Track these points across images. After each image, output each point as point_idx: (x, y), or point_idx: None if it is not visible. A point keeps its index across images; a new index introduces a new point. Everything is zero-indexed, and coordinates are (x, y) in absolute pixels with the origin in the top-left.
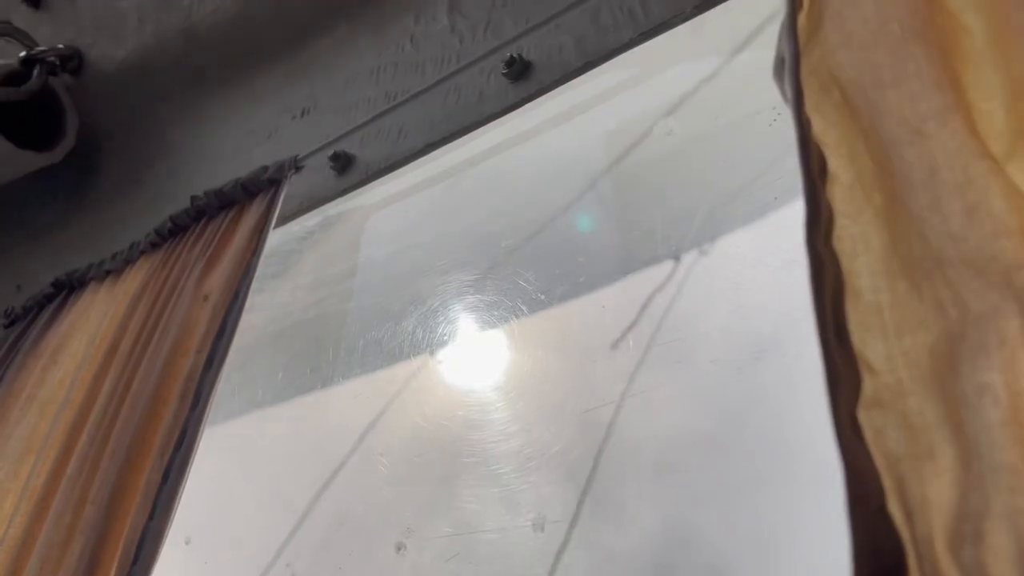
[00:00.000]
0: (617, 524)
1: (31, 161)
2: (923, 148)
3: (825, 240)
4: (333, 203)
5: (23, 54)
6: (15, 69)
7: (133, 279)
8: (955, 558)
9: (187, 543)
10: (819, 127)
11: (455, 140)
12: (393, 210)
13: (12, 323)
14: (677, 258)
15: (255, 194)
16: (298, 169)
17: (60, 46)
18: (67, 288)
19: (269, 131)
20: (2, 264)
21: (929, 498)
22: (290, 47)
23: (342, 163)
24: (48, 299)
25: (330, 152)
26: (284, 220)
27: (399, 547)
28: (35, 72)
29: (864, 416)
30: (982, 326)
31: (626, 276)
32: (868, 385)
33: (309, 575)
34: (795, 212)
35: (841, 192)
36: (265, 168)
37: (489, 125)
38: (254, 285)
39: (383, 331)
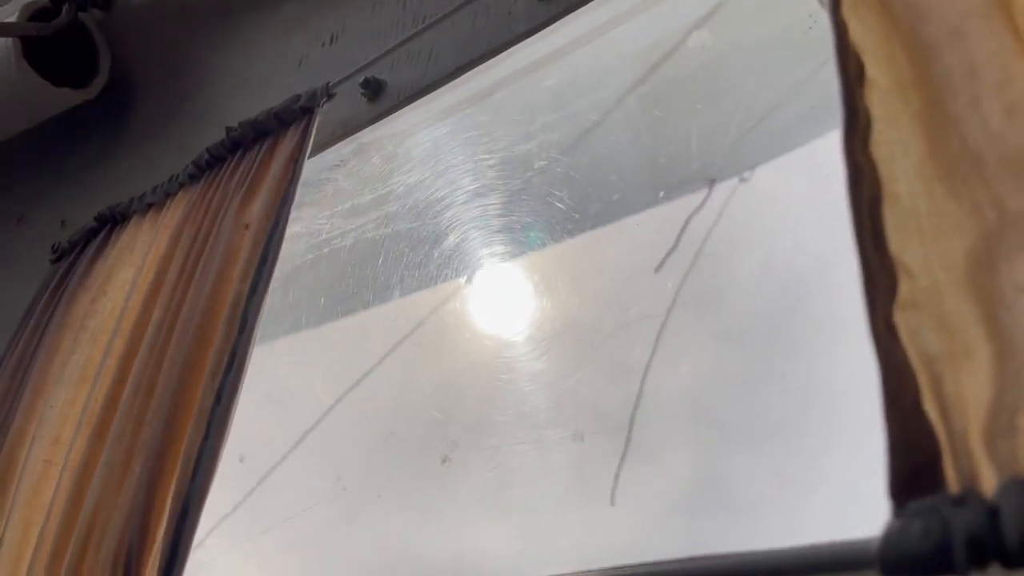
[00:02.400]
0: (650, 464)
1: (67, 98)
2: (962, 48)
3: (863, 146)
4: (366, 130)
5: None
6: (44, 5)
7: (175, 211)
8: (989, 450)
9: (241, 460)
10: (856, 31)
11: (485, 61)
12: (425, 135)
13: (59, 258)
14: (712, 179)
15: (289, 123)
16: (330, 97)
17: None
18: (111, 222)
19: (300, 58)
20: (46, 201)
21: (964, 395)
22: None
23: (373, 89)
24: (93, 233)
25: (360, 79)
26: (318, 149)
27: (444, 459)
28: (64, 8)
29: (900, 318)
30: (1021, 226)
31: (659, 199)
32: (905, 288)
33: (360, 487)
34: (833, 126)
35: (879, 96)
36: (298, 97)
37: (519, 45)
38: (292, 214)
39: (419, 255)
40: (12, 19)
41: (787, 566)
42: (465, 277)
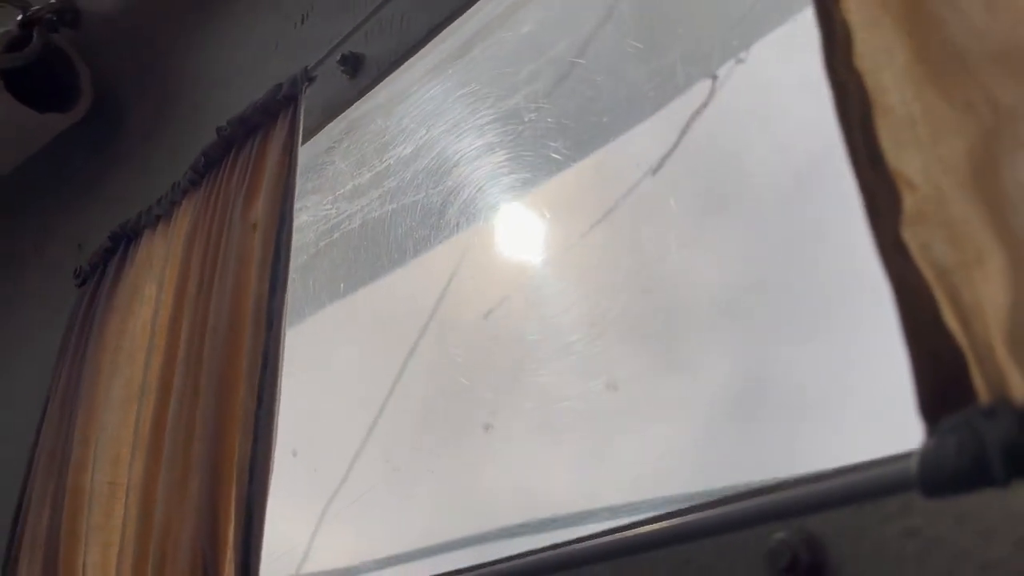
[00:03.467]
0: (692, 374)
1: (56, 123)
2: None
3: (845, 61)
4: (353, 107)
5: (19, 17)
6: (15, 35)
7: (182, 219)
8: (1015, 357)
9: (294, 455)
10: None
11: (457, 17)
12: (413, 101)
13: (84, 281)
14: (712, 77)
15: (276, 114)
16: (311, 81)
17: (52, 1)
18: (124, 239)
19: (275, 41)
20: (60, 227)
21: (983, 304)
22: None
23: (352, 65)
24: (109, 253)
25: (337, 56)
26: (309, 134)
27: (487, 427)
28: (35, 33)
29: (908, 233)
30: (1015, 121)
31: (661, 105)
32: (909, 201)
33: (409, 465)
34: None
35: (856, 5)
36: (279, 86)
37: None
38: (297, 204)
39: (428, 227)
40: None
41: (829, 498)
42: (476, 237)
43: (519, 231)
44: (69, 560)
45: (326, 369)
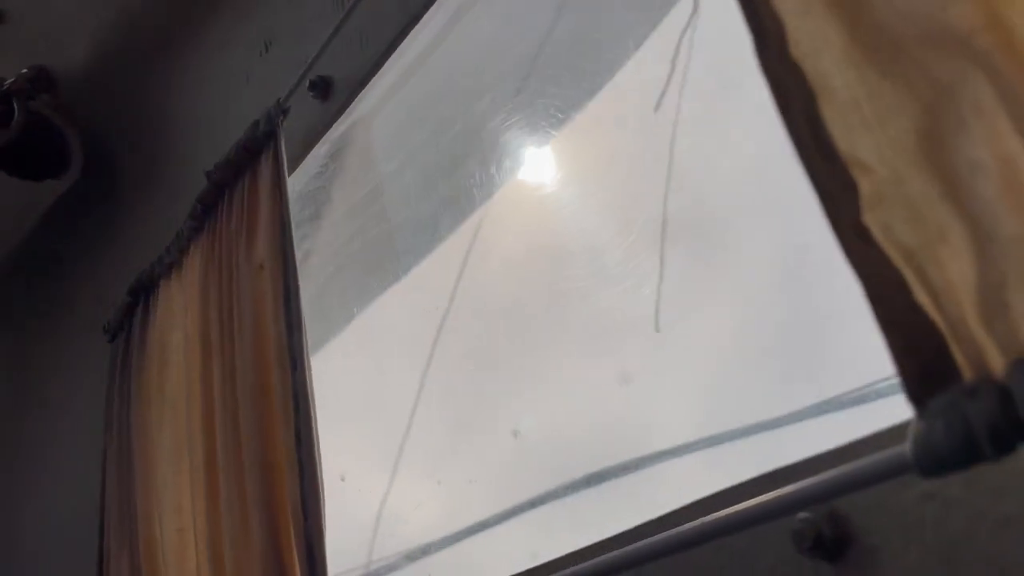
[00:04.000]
0: (735, 259)
1: (53, 189)
2: None
3: (780, 53)
4: (332, 128)
5: None
6: None
7: (192, 266)
8: (989, 332)
9: (342, 480)
10: None
11: (414, 27)
12: (393, 107)
13: (114, 337)
14: None
15: (259, 151)
16: (285, 113)
17: (24, 70)
18: (143, 292)
19: (245, 74)
20: (80, 286)
21: (952, 280)
22: None
23: (322, 89)
24: (131, 307)
25: (307, 83)
26: (295, 163)
27: (515, 434)
28: (15, 106)
29: (870, 218)
30: (955, 98)
31: (651, 29)
32: (865, 185)
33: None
34: None
35: None
36: (257, 123)
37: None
38: (297, 234)
39: (425, 238)
40: None
41: (850, 479)
42: (478, 240)
43: (536, 189)
44: None
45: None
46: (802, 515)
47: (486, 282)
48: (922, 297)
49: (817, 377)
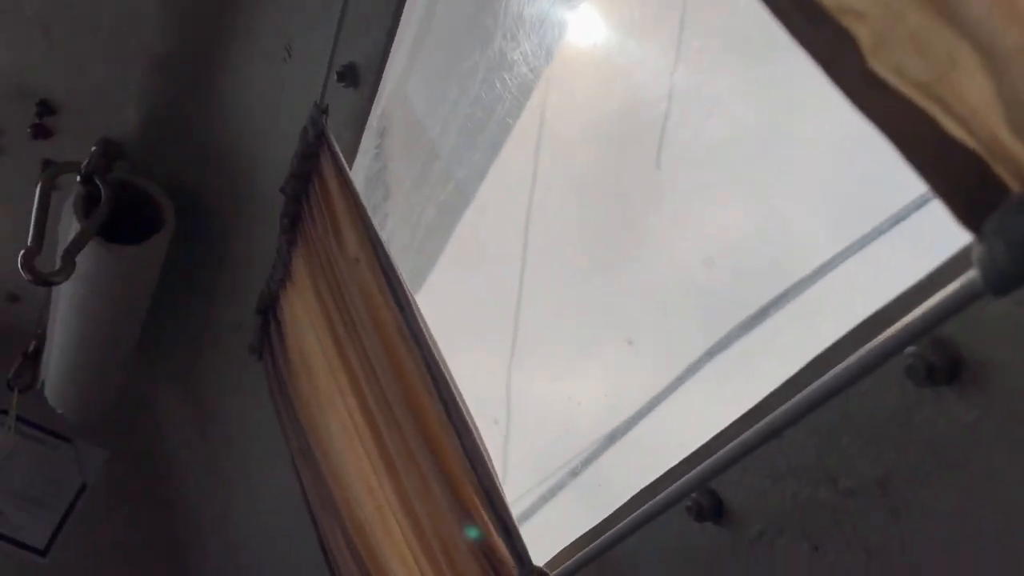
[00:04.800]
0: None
1: (162, 242)
2: None
3: None
4: (373, 109)
5: (78, 179)
6: (83, 194)
7: (300, 274)
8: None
9: (496, 422)
10: None
11: None
12: (423, 62)
13: (260, 355)
14: None
15: (317, 154)
16: (326, 111)
17: (93, 148)
18: (268, 309)
19: (279, 84)
20: (219, 317)
21: (975, 104)
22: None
23: (350, 77)
24: (265, 324)
25: (334, 76)
26: (351, 153)
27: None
28: (99, 183)
29: (876, 63)
30: None
31: None
32: (863, 32)
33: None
34: None
35: None
36: (305, 130)
37: None
38: (377, 217)
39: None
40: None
41: (935, 314)
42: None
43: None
44: (381, 570)
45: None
46: (909, 351)
47: (572, 160)
48: (951, 127)
49: None
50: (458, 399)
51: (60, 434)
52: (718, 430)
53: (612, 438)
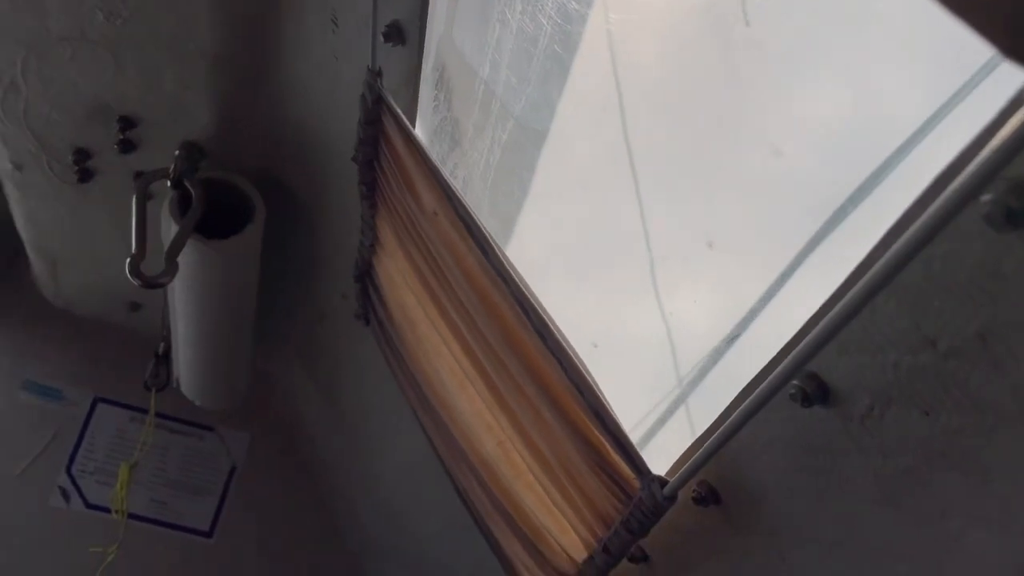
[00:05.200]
0: None
1: (255, 230)
2: None
3: None
4: (423, 63)
5: (169, 183)
6: (175, 197)
7: (386, 236)
8: None
9: (595, 346)
10: None
11: None
12: (464, 5)
13: (367, 321)
14: None
15: (378, 119)
16: (380, 74)
17: (176, 152)
18: (365, 276)
19: (332, 56)
20: (322, 291)
21: None
22: None
23: (395, 35)
24: (364, 290)
25: (381, 38)
26: (411, 111)
27: None
28: (187, 184)
29: None
30: None
31: None
32: None
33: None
34: None
35: None
36: (363, 97)
37: None
38: (448, 167)
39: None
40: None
41: (1005, 155)
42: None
43: None
44: (521, 515)
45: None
46: (984, 198)
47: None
48: None
49: None
50: (552, 329)
51: (202, 424)
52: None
53: (721, 349)
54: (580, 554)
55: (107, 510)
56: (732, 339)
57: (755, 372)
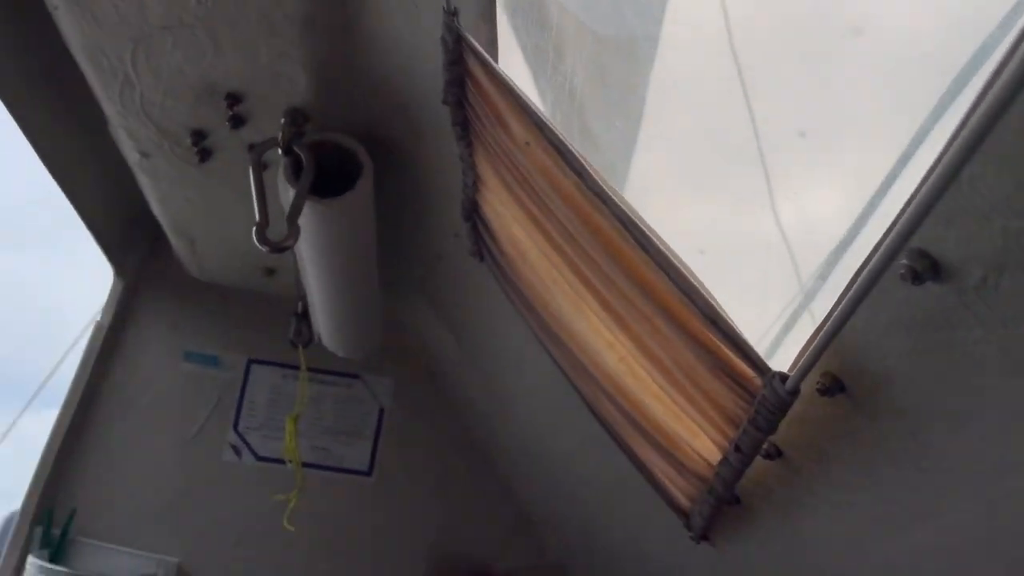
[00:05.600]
0: None
1: (366, 184)
2: None
3: None
4: None
5: (280, 151)
6: (288, 163)
7: (486, 172)
8: None
9: (701, 253)
10: None
11: None
12: None
13: (482, 257)
14: None
15: (461, 58)
16: (456, 13)
17: (281, 120)
18: (471, 214)
19: (413, 5)
20: (435, 234)
21: None
22: None
23: None
24: (474, 228)
25: None
26: (492, 45)
27: None
28: (297, 149)
29: None
30: None
31: None
32: None
33: None
34: None
35: None
36: (443, 39)
37: None
38: (535, 95)
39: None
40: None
41: None
42: None
43: None
44: (652, 424)
45: None
46: None
47: None
48: None
49: None
50: (656, 241)
51: (348, 373)
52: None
53: (843, 246)
54: (714, 456)
55: (276, 461)
56: (853, 235)
57: None
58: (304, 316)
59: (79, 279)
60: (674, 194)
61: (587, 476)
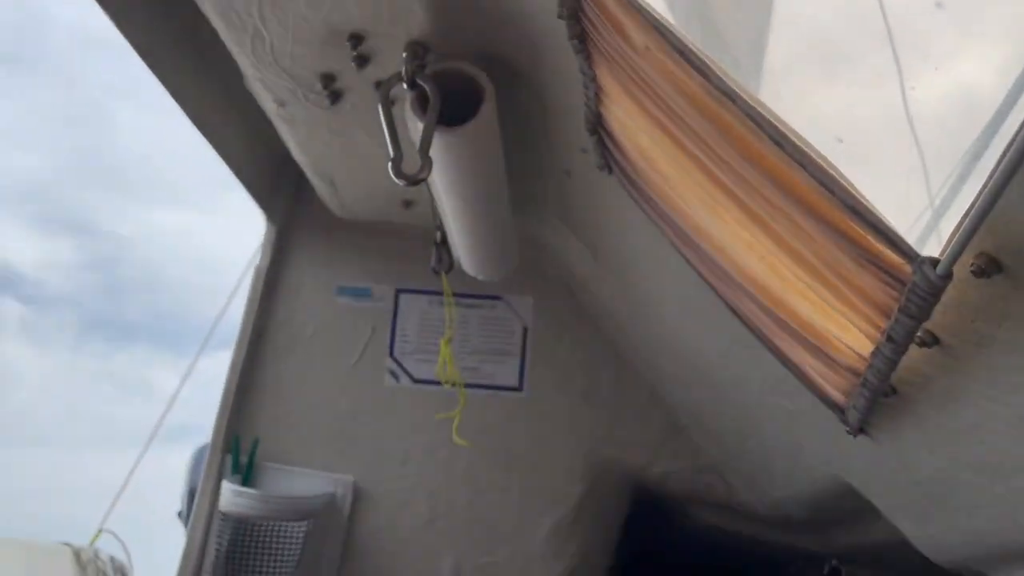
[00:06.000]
0: None
1: (489, 108)
2: None
3: None
4: None
5: (405, 85)
6: (414, 96)
7: (606, 82)
8: None
9: (840, 141)
10: None
11: None
12: None
13: (609, 168)
14: None
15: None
16: None
17: (404, 54)
18: (596, 128)
19: None
20: (562, 151)
21: None
22: None
23: None
24: (601, 142)
25: None
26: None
27: None
28: (420, 82)
29: None
30: None
31: None
32: None
33: None
34: None
35: None
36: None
37: None
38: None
39: None
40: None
41: None
42: None
43: None
44: (800, 322)
45: None
46: None
47: None
48: None
49: None
50: (789, 134)
51: (490, 295)
52: None
53: (999, 119)
54: (865, 348)
55: (431, 383)
56: (1006, 111)
57: None
58: (443, 243)
59: (233, 229)
60: (807, 80)
61: (736, 377)
